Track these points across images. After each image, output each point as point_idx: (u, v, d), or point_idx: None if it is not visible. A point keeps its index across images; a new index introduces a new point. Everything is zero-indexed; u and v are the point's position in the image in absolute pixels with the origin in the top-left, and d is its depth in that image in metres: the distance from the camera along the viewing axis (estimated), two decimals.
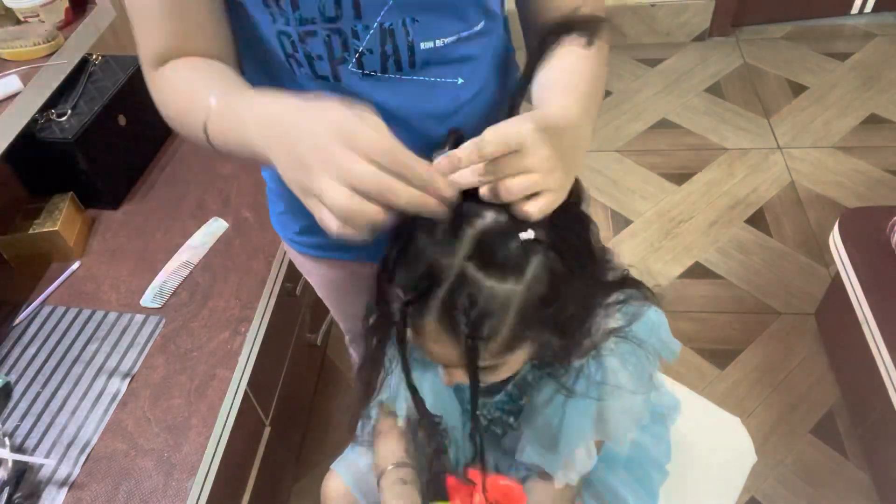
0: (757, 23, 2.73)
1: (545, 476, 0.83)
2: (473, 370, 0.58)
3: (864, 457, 1.48)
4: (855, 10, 2.68)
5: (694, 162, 2.23)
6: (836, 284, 1.53)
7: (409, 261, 0.58)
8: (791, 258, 1.90)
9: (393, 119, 0.67)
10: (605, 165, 2.24)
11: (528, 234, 0.55)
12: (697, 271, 1.90)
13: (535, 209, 0.53)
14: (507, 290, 0.55)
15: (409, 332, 0.61)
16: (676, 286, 1.87)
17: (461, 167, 0.53)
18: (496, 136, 0.52)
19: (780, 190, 2.10)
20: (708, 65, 2.61)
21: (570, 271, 0.58)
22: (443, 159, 0.54)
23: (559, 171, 0.54)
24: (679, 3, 2.62)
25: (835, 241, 1.50)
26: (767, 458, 1.50)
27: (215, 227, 1.24)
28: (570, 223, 0.60)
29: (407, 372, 0.64)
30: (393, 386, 0.83)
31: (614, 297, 0.70)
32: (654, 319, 0.80)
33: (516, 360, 0.64)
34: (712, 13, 2.64)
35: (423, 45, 0.66)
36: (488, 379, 0.65)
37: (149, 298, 1.13)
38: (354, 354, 1.26)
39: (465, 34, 0.68)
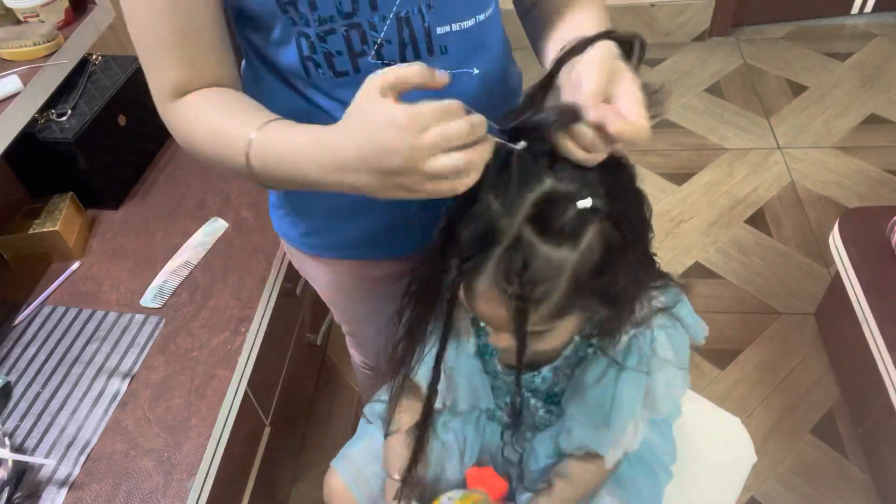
0: (757, 23, 2.73)
1: (584, 458, 0.84)
2: (521, 333, 0.59)
3: (864, 457, 1.48)
4: (855, 10, 2.68)
5: (694, 162, 2.23)
6: (836, 284, 1.53)
7: (471, 218, 0.58)
8: (791, 258, 1.90)
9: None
10: None
11: (586, 202, 0.56)
12: (697, 271, 1.90)
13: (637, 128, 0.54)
14: (561, 257, 0.56)
15: (460, 293, 0.61)
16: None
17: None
18: (600, 73, 0.55)
19: (780, 190, 2.10)
20: (708, 65, 2.61)
21: (625, 243, 0.59)
22: (594, 111, 0.54)
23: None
24: (679, 3, 2.62)
25: (835, 241, 1.50)
26: (767, 458, 1.50)
27: (215, 227, 1.24)
28: (628, 196, 0.61)
29: (444, 340, 0.64)
30: (427, 366, 0.81)
31: (660, 280, 0.73)
32: (684, 301, 0.82)
33: (564, 330, 0.65)
34: (712, 13, 2.64)
35: (439, 31, 0.67)
36: (535, 346, 0.65)
37: (149, 298, 1.13)
38: (355, 354, 1.26)
39: (480, 18, 0.69)
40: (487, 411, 0.94)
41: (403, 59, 0.67)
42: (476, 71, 0.72)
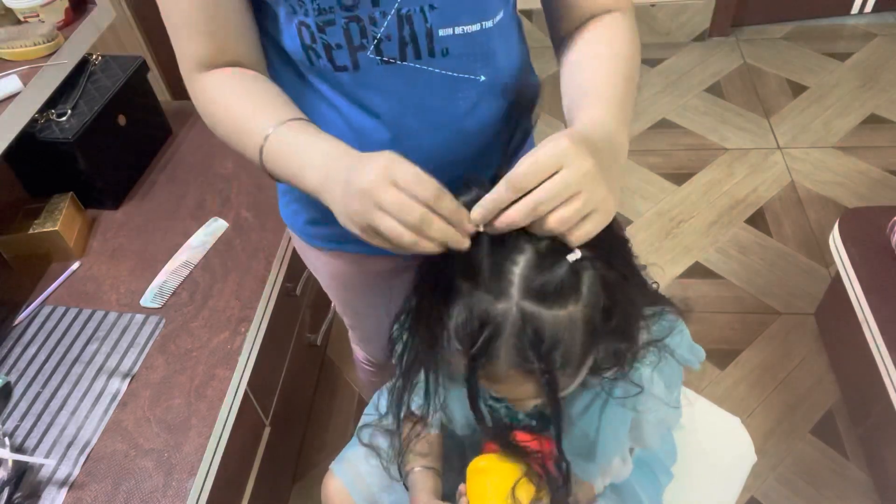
0: (757, 23, 2.73)
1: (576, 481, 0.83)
2: (555, 400, 0.58)
3: (864, 457, 1.48)
4: (855, 10, 2.68)
5: (694, 162, 2.23)
6: (836, 284, 1.53)
7: (461, 315, 0.57)
8: (791, 258, 1.90)
9: (411, 110, 0.69)
10: None
11: (576, 255, 0.55)
12: (697, 271, 1.90)
13: (583, 234, 0.53)
14: (569, 315, 0.55)
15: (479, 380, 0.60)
16: (676, 286, 1.87)
17: (500, 208, 0.53)
18: (531, 163, 0.51)
19: (780, 190, 2.10)
20: (708, 65, 2.61)
21: (621, 275, 0.59)
22: (478, 209, 0.53)
23: (603, 186, 0.52)
24: (679, 3, 2.62)
25: (835, 241, 1.50)
26: (767, 458, 1.50)
27: (215, 227, 1.24)
28: (606, 234, 0.60)
29: (477, 413, 0.63)
30: (423, 396, 0.81)
31: (653, 309, 0.71)
32: (679, 329, 0.80)
33: (582, 375, 0.64)
34: (712, 13, 2.64)
35: (441, 33, 0.66)
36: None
37: (149, 298, 1.13)
38: (358, 351, 1.26)
39: (487, 24, 0.68)
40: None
41: (403, 58, 0.66)
42: (483, 78, 0.71)
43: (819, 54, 2.58)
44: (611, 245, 0.59)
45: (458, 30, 0.66)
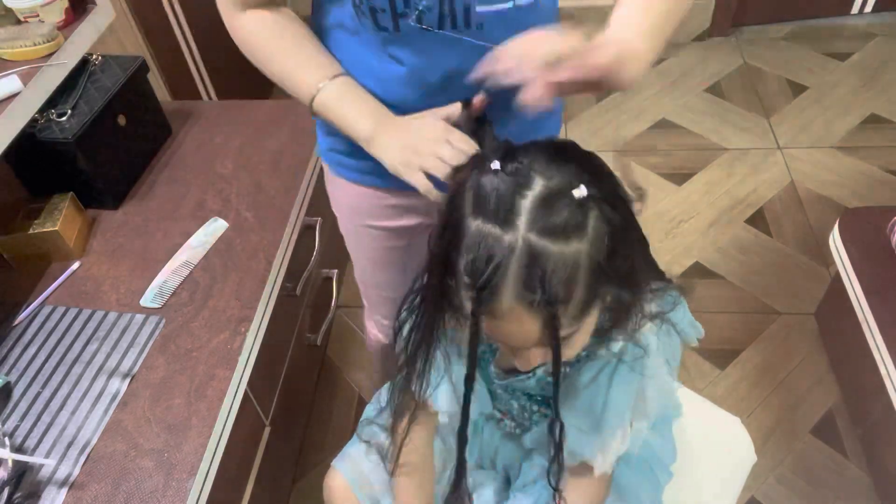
0: (757, 23, 2.73)
1: (578, 472, 0.83)
2: (556, 340, 0.58)
3: (864, 457, 1.48)
4: (855, 10, 2.68)
5: (694, 162, 2.23)
6: (836, 284, 1.53)
7: (467, 249, 0.58)
8: (791, 258, 1.90)
9: (439, 71, 0.78)
10: None
11: (582, 191, 0.56)
12: (697, 271, 1.90)
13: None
14: (574, 250, 0.56)
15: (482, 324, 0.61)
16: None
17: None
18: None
19: (780, 190, 2.10)
20: (708, 65, 2.61)
21: (624, 221, 0.60)
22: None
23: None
24: None
25: (835, 241, 1.50)
26: (767, 458, 1.50)
27: (215, 227, 1.24)
28: (607, 178, 0.62)
29: (472, 362, 0.63)
30: (433, 383, 0.82)
31: (657, 284, 0.73)
32: (681, 305, 0.82)
33: (585, 331, 0.65)
34: (712, 13, 2.64)
35: (479, 9, 0.73)
36: (564, 355, 0.64)
37: (149, 298, 1.13)
38: (371, 329, 1.27)
39: (521, 3, 0.74)
40: (482, 415, 0.94)
41: (441, 27, 0.74)
42: None
43: (819, 54, 2.59)
44: (615, 197, 0.61)
45: (495, 7, 0.73)
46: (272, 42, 0.82)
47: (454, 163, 0.70)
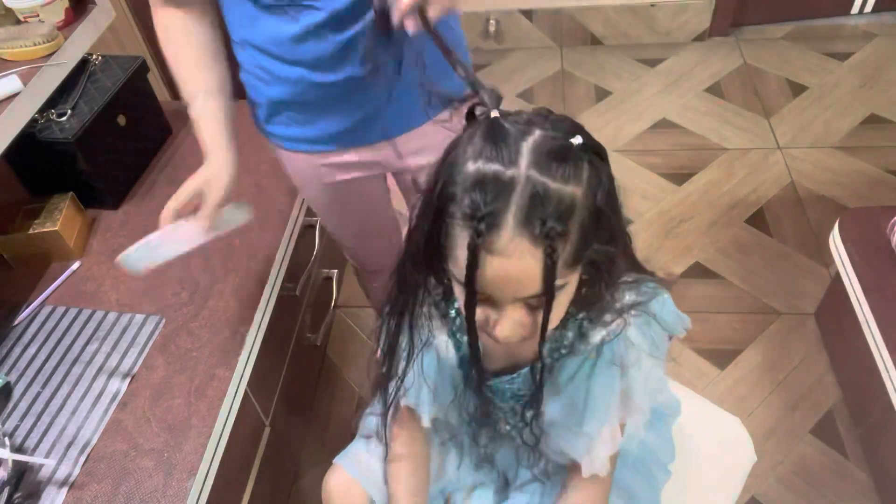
0: (757, 23, 2.73)
1: (574, 475, 0.83)
2: (551, 278, 0.59)
3: (864, 457, 1.48)
4: (855, 10, 2.68)
5: (694, 162, 2.23)
6: (836, 284, 1.53)
7: (467, 189, 0.59)
8: (791, 258, 1.90)
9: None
10: None
11: (578, 139, 0.59)
12: (697, 271, 1.90)
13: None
14: (571, 193, 0.58)
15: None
16: (676, 286, 1.87)
17: None
18: None
19: (780, 190, 2.10)
20: (708, 65, 2.61)
21: (611, 184, 0.62)
22: None
23: None
24: (679, 3, 2.62)
25: (835, 241, 1.50)
26: (767, 458, 1.50)
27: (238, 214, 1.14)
28: (594, 141, 0.63)
29: (471, 314, 0.64)
30: (415, 386, 0.83)
31: (635, 276, 0.74)
32: (661, 296, 0.81)
33: (566, 295, 0.65)
34: (712, 13, 2.64)
35: None
36: (544, 317, 0.64)
37: (132, 254, 0.91)
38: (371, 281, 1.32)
39: None
40: (473, 419, 0.94)
41: None
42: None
43: (819, 54, 2.58)
44: (600, 173, 0.62)
45: None
46: (170, 46, 0.94)
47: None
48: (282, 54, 0.90)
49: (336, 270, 1.69)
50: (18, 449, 0.94)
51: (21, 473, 0.92)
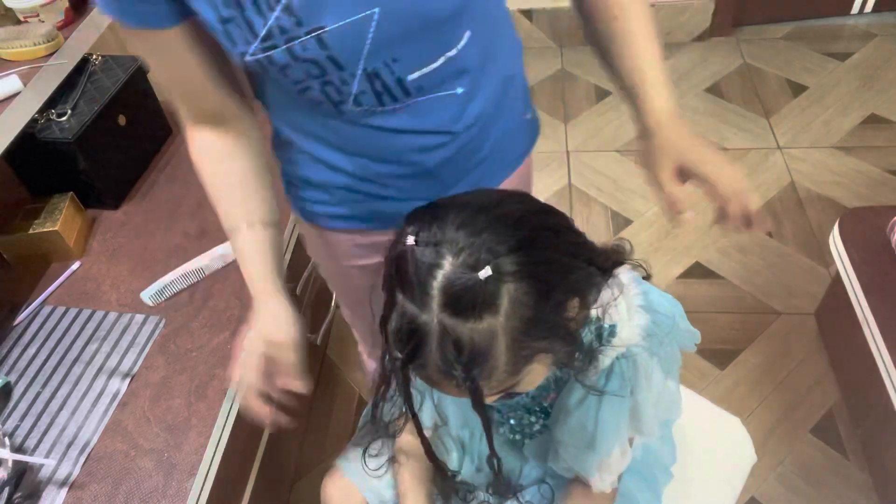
0: (757, 23, 2.73)
1: (579, 483, 0.83)
2: (481, 408, 0.59)
3: (864, 457, 1.48)
4: (855, 10, 2.68)
5: None
6: (836, 284, 1.53)
7: (395, 320, 0.60)
8: (791, 258, 1.90)
9: (399, 135, 0.75)
10: (605, 165, 2.24)
11: (486, 272, 0.55)
12: (697, 271, 1.90)
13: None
14: (487, 328, 0.56)
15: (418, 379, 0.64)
16: (676, 286, 1.87)
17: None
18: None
19: (780, 190, 2.10)
20: (708, 65, 2.61)
21: (549, 282, 0.59)
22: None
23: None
24: (679, 3, 2.62)
25: (835, 241, 1.50)
26: (767, 458, 1.50)
27: None
28: (535, 232, 0.60)
29: (415, 418, 0.69)
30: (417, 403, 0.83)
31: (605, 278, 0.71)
32: (671, 307, 0.81)
33: (535, 374, 0.64)
34: (712, 13, 2.64)
35: (410, 78, 0.70)
36: (517, 392, 0.65)
37: (148, 294, 1.11)
38: (367, 356, 1.26)
39: (451, 53, 0.70)
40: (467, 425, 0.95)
41: (381, 104, 0.71)
42: (460, 90, 0.74)
43: (819, 54, 2.58)
44: (538, 248, 0.59)
45: (426, 69, 0.70)
46: (206, 174, 0.82)
47: (239, 399, 0.82)
48: (342, 145, 0.80)
49: None
50: (18, 449, 0.94)
51: (21, 473, 0.92)
